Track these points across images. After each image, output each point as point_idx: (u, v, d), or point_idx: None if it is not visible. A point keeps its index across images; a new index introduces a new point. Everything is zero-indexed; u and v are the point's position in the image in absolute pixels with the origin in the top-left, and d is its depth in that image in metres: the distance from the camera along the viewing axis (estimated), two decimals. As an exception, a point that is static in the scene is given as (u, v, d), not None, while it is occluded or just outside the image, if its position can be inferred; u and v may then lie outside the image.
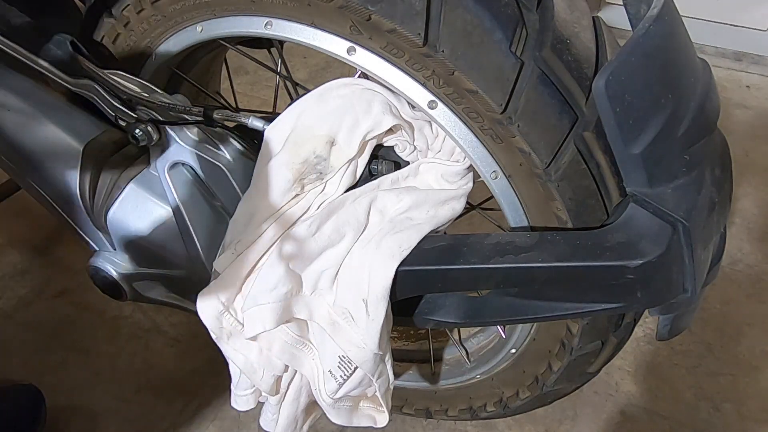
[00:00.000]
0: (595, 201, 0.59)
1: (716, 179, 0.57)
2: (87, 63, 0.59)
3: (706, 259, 0.60)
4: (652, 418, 1.09)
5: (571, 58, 0.56)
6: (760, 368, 1.15)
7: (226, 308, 0.66)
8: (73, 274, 1.33)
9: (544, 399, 0.85)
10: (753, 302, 1.24)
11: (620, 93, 0.49)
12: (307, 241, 0.63)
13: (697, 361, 1.16)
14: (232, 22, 0.64)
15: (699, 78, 0.56)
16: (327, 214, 0.64)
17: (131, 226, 0.72)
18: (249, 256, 0.64)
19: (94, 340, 1.22)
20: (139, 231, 0.72)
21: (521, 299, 0.64)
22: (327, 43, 0.59)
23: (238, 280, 0.66)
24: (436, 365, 0.95)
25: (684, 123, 0.53)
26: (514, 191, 0.62)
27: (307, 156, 0.62)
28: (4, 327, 1.25)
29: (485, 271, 0.56)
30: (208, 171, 0.68)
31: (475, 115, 0.58)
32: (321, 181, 0.64)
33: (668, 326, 0.63)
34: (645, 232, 0.54)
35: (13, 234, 1.41)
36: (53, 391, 1.11)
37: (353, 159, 0.64)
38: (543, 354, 0.77)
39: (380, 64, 0.59)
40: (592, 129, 0.56)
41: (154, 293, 0.80)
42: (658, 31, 0.50)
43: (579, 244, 0.56)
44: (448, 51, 0.54)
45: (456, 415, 0.96)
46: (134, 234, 0.72)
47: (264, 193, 0.64)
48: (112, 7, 0.68)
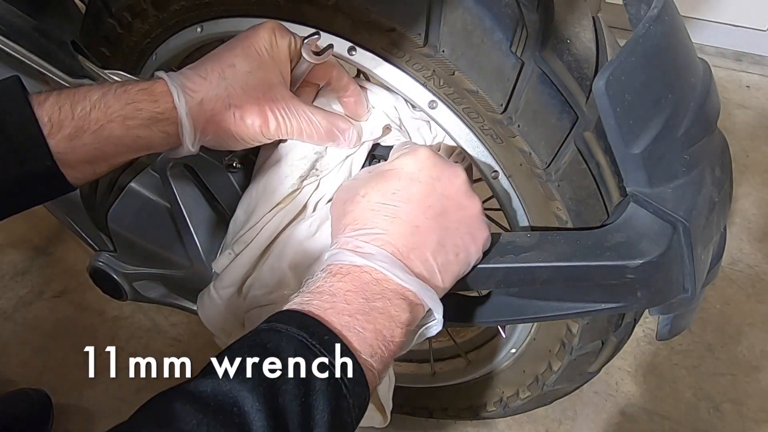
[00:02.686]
0: (595, 201, 0.59)
1: (716, 179, 0.57)
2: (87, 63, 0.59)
3: (706, 259, 0.60)
4: (652, 418, 1.09)
5: (572, 58, 0.56)
6: (760, 368, 1.15)
7: (226, 308, 0.66)
8: (73, 274, 1.33)
9: (544, 399, 0.85)
10: (753, 302, 1.24)
11: (620, 93, 0.49)
12: (308, 241, 0.63)
13: (697, 361, 1.16)
14: (232, 23, 0.64)
15: (699, 78, 0.56)
16: (326, 214, 0.64)
17: (131, 225, 0.72)
18: (247, 257, 0.64)
19: (94, 340, 1.22)
20: (140, 231, 0.72)
21: (521, 299, 0.64)
22: (327, 42, 0.59)
23: (238, 281, 0.66)
24: (437, 365, 0.95)
25: (684, 123, 0.53)
26: (515, 191, 0.62)
27: (306, 153, 0.62)
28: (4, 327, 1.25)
29: (485, 271, 0.56)
30: (209, 171, 0.68)
31: (475, 115, 0.58)
32: (317, 178, 0.64)
33: (668, 326, 0.63)
34: (645, 232, 0.54)
35: (13, 234, 1.41)
36: (53, 391, 1.11)
37: (348, 157, 0.64)
38: (543, 354, 0.77)
39: (380, 64, 0.59)
40: (592, 129, 0.56)
41: (154, 293, 0.80)
42: (658, 31, 0.50)
43: (579, 243, 0.56)
44: (448, 51, 0.54)
45: (456, 414, 0.97)
46: (134, 234, 0.72)
47: (263, 191, 0.64)
48: (112, 7, 0.68)
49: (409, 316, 0.47)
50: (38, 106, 0.47)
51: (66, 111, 0.48)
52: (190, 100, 0.53)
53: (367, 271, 0.47)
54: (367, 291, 0.46)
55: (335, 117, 0.60)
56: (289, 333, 0.42)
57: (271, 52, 0.55)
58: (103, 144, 0.50)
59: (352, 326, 0.44)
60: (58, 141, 0.48)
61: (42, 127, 0.47)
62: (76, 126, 0.49)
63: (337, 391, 0.41)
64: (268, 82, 0.55)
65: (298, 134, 0.58)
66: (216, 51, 0.56)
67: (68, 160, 0.49)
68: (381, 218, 0.50)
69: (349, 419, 0.41)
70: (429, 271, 0.50)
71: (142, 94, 0.52)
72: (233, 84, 0.54)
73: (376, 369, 0.45)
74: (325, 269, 0.49)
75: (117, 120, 0.50)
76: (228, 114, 0.54)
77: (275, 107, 0.56)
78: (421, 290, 0.48)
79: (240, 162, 0.68)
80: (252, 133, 0.56)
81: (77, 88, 0.51)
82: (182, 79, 0.54)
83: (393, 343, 0.46)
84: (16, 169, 0.47)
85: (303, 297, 0.46)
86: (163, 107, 0.52)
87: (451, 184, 0.53)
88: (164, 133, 0.53)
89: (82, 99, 0.49)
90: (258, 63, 0.55)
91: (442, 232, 0.51)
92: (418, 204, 0.51)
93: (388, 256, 0.48)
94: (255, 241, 0.64)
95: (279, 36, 0.56)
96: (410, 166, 0.53)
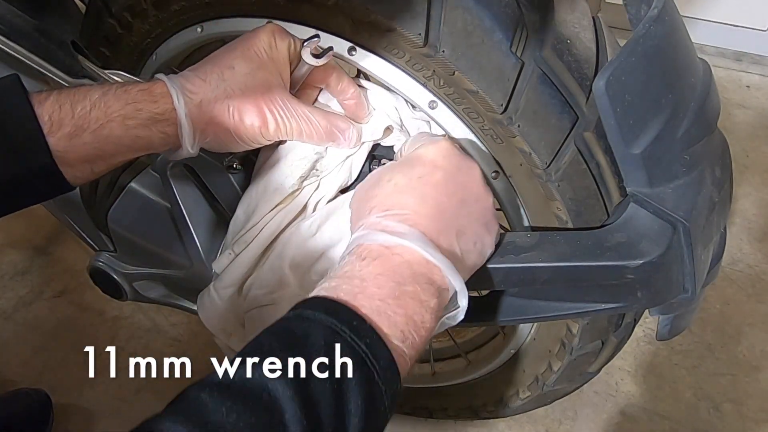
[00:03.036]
0: (595, 201, 0.59)
1: (716, 179, 0.57)
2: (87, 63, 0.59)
3: (706, 259, 0.60)
4: (652, 418, 1.09)
5: (572, 58, 0.56)
6: (760, 368, 1.15)
7: (226, 309, 0.66)
8: (73, 274, 1.33)
9: (544, 399, 0.85)
10: (753, 302, 1.24)
11: (620, 93, 0.49)
12: (308, 242, 0.63)
13: (697, 361, 1.16)
14: (232, 23, 0.64)
15: (699, 78, 0.56)
16: (326, 214, 0.64)
17: (131, 226, 0.72)
18: (247, 257, 0.64)
19: (94, 340, 1.22)
20: (140, 231, 0.72)
21: (521, 299, 0.64)
22: (327, 43, 0.59)
23: (238, 281, 0.66)
24: (437, 365, 0.95)
25: (684, 123, 0.53)
26: (515, 191, 0.62)
27: (306, 153, 0.62)
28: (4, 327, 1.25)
29: (485, 271, 0.56)
30: (209, 171, 0.68)
31: (475, 115, 0.58)
32: (317, 178, 0.64)
33: (668, 326, 0.63)
34: (645, 232, 0.54)
35: (13, 234, 1.41)
36: (53, 391, 1.11)
37: (349, 157, 0.64)
38: (543, 354, 0.77)
39: (380, 65, 0.59)
40: (592, 129, 0.56)
41: (154, 293, 0.80)
42: (658, 31, 0.50)
43: (579, 244, 0.56)
44: (448, 51, 0.54)
45: (456, 414, 0.96)
46: (134, 234, 0.72)
47: (263, 191, 0.64)
48: (112, 7, 0.68)
49: (437, 301, 0.47)
50: (39, 105, 0.48)
51: (66, 110, 0.48)
52: (189, 102, 0.53)
53: (398, 253, 0.46)
54: (398, 274, 0.45)
55: (335, 117, 0.60)
56: (318, 319, 0.41)
57: (270, 54, 0.55)
58: (103, 143, 0.50)
59: (383, 311, 0.43)
60: (58, 139, 0.48)
61: (42, 125, 0.47)
62: (76, 125, 0.49)
63: (369, 377, 0.40)
64: (267, 83, 0.55)
65: (297, 135, 0.58)
66: (216, 53, 0.56)
67: (68, 158, 0.49)
68: (410, 199, 0.50)
69: (382, 406, 0.41)
70: (454, 257, 0.50)
71: (142, 95, 0.52)
72: (232, 86, 0.54)
73: (408, 355, 0.44)
74: (353, 252, 0.48)
75: (117, 120, 0.50)
76: (227, 115, 0.54)
77: (274, 108, 0.56)
78: (450, 272, 0.47)
79: (240, 163, 0.68)
80: (251, 134, 0.56)
81: (78, 87, 0.51)
82: (182, 80, 0.54)
83: (424, 328, 0.45)
84: (14, 167, 0.47)
85: (331, 282, 0.45)
86: (163, 108, 0.52)
87: (470, 176, 0.53)
88: (164, 134, 0.53)
89: (83, 98, 0.49)
90: (257, 65, 0.55)
91: (463, 219, 0.51)
92: (443, 189, 0.51)
93: (419, 235, 0.48)
94: (255, 242, 0.64)
95: (278, 38, 0.56)
96: (433, 153, 0.53)
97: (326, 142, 0.60)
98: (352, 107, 0.62)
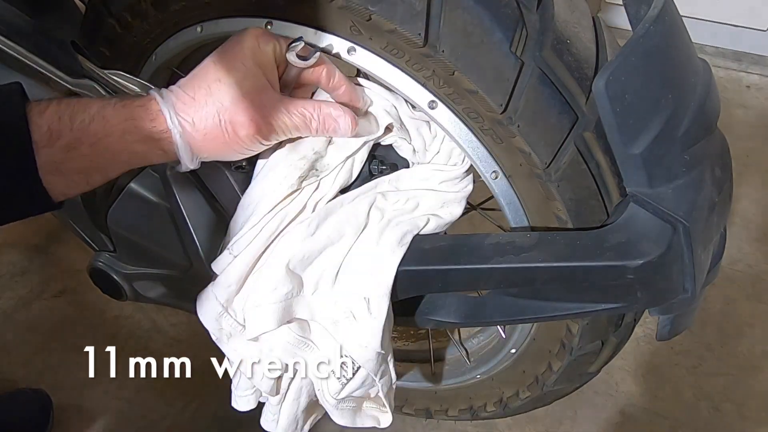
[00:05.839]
0: (595, 201, 0.59)
1: (716, 179, 0.57)
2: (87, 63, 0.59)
3: (706, 259, 0.60)
4: (652, 418, 1.09)
5: (572, 59, 0.56)
6: (760, 368, 1.15)
7: (225, 309, 0.65)
8: (73, 274, 1.34)
9: (544, 399, 0.85)
10: (753, 302, 1.24)
11: (620, 93, 0.49)
12: (307, 241, 0.63)
13: (697, 361, 1.16)
14: (232, 23, 0.64)
15: (699, 78, 0.56)
16: (326, 214, 0.64)
17: (131, 226, 0.72)
18: (246, 257, 0.64)
19: (94, 340, 1.22)
20: (139, 231, 0.72)
21: (521, 299, 0.64)
22: (327, 43, 0.59)
23: (237, 281, 0.65)
24: (437, 365, 0.95)
25: (684, 123, 0.53)
26: (514, 191, 0.62)
27: (305, 153, 0.62)
28: (4, 327, 1.25)
29: (485, 271, 0.56)
30: (209, 171, 0.68)
31: (475, 115, 0.58)
32: (317, 178, 0.64)
33: (668, 326, 0.63)
34: (645, 232, 0.54)
35: (13, 234, 1.41)
36: (53, 391, 1.11)
37: (349, 157, 0.64)
38: (543, 354, 0.77)
39: (380, 64, 0.59)
40: (592, 129, 0.56)
41: (154, 293, 0.80)
42: (658, 31, 0.50)
43: (579, 244, 0.56)
44: (448, 51, 0.54)
45: (456, 415, 0.96)
46: (134, 234, 0.72)
47: (262, 191, 0.64)
48: (112, 7, 0.68)
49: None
50: (38, 115, 0.47)
51: (65, 121, 0.49)
52: (182, 122, 0.53)
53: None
54: None
55: (328, 104, 0.60)
56: None
57: (255, 59, 0.55)
58: (101, 156, 0.50)
59: None
60: (56, 150, 0.48)
61: (40, 136, 0.47)
62: (74, 137, 0.49)
63: None
64: (255, 89, 0.55)
65: (294, 131, 0.58)
66: (204, 64, 0.56)
67: (64, 169, 0.49)
68: None
69: None
70: None
71: (140, 111, 0.52)
72: (221, 99, 0.54)
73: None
74: None
75: (115, 134, 0.50)
76: (221, 131, 0.54)
77: (266, 113, 0.56)
78: None
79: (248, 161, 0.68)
80: (248, 144, 0.56)
81: (77, 99, 0.51)
82: (173, 99, 0.54)
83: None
84: None
85: None
86: (160, 127, 0.53)
87: None
88: (162, 151, 0.53)
89: (82, 111, 0.49)
90: (243, 74, 0.55)
91: None
92: None
93: None
94: (254, 242, 0.64)
95: (263, 42, 0.56)
96: None
97: (325, 131, 0.60)
98: (346, 101, 0.62)
